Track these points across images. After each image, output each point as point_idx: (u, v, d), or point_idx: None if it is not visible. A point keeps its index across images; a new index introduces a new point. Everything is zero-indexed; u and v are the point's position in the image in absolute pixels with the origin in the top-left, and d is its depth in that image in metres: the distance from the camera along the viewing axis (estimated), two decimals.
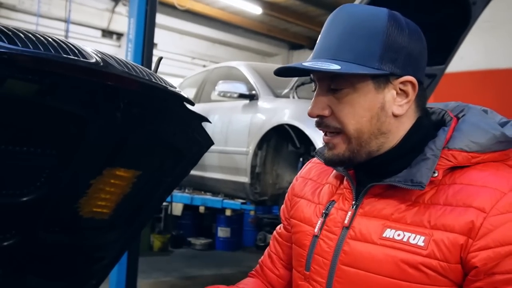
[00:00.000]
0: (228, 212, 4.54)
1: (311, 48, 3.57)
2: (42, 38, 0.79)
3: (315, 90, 0.87)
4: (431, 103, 0.96)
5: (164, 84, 1.07)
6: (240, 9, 9.34)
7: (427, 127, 0.85)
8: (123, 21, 8.19)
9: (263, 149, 3.74)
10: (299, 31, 10.55)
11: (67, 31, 8.02)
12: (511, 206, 0.73)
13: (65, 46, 0.81)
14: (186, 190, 4.85)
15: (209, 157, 4.15)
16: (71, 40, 0.91)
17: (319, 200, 0.94)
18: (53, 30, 7.78)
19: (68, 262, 1.38)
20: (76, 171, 1.14)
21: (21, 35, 0.77)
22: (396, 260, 0.77)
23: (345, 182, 0.91)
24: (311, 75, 0.87)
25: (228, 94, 3.95)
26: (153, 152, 1.25)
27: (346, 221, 0.85)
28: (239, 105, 4.10)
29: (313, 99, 0.86)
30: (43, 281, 1.40)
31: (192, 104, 1.19)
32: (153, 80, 1.03)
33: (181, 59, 9.96)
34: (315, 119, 0.86)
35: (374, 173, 0.85)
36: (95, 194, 1.26)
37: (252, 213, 4.15)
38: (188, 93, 4.99)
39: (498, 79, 5.84)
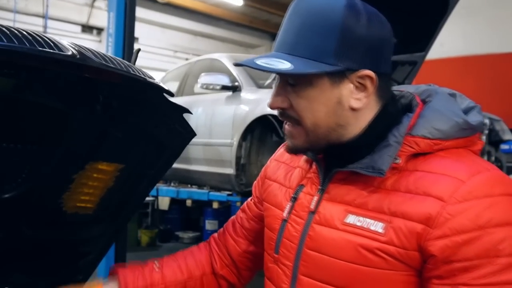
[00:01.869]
0: (215, 205, 4.54)
1: None
2: (16, 31, 0.78)
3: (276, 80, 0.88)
4: (404, 85, 0.95)
5: (143, 76, 1.07)
6: (221, 0, 9.29)
7: (393, 114, 0.85)
8: (103, 15, 8.09)
9: (248, 140, 3.74)
10: (281, 21, 10.54)
11: (45, 27, 7.89)
12: (469, 195, 0.73)
13: (40, 39, 0.81)
14: (172, 184, 4.84)
15: (193, 150, 4.14)
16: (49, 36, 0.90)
17: (289, 184, 0.95)
18: (31, 26, 7.64)
19: (54, 258, 1.37)
20: (58, 166, 1.14)
21: None
22: (355, 245, 0.79)
23: (313, 166, 0.92)
24: None
25: (211, 86, 3.94)
26: (135, 145, 1.25)
27: (312, 206, 0.87)
28: (222, 97, 4.09)
29: (273, 90, 0.87)
30: (29, 278, 1.39)
31: (172, 95, 1.19)
32: (132, 72, 1.03)
33: (163, 53, 9.89)
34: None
35: (341, 158, 0.86)
36: (78, 189, 1.26)
37: (238, 204, 4.16)
38: (171, 86, 4.96)
39: (477, 65, 5.92)
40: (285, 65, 0.78)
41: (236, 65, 0.85)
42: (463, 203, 0.73)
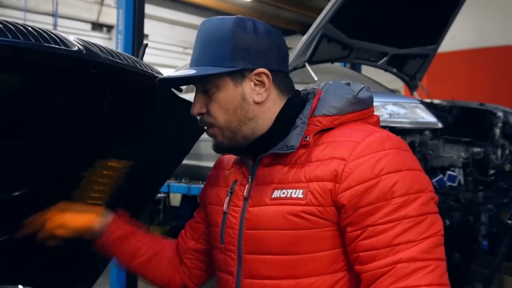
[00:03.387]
0: None
1: (303, 33, 3.55)
2: (21, 28, 0.77)
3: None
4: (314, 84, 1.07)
5: (150, 71, 1.06)
6: None
7: (297, 104, 1.00)
8: (112, 13, 8.10)
9: None
10: (290, 16, 10.48)
11: (55, 25, 7.93)
12: (364, 151, 0.90)
13: (46, 35, 0.80)
14: (183, 180, 4.85)
15: (204, 146, 4.13)
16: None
17: (226, 183, 1.08)
18: (41, 25, 7.64)
19: (64, 256, 1.37)
20: (66, 163, 1.13)
21: (0, 25, 0.75)
22: (283, 213, 0.93)
23: (244, 162, 1.06)
24: None
25: None
26: (144, 141, 1.24)
27: (245, 193, 1.00)
28: None
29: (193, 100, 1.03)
30: (40, 276, 1.40)
31: (180, 90, 1.18)
32: (139, 67, 1.02)
33: (173, 49, 9.89)
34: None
35: (263, 148, 0.99)
36: (88, 186, 1.25)
37: None
38: None
39: (490, 57, 5.83)
40: (190, 72, 0.95)
41: (158, 81, 1.01)
42: (360, 158, 0.89)
